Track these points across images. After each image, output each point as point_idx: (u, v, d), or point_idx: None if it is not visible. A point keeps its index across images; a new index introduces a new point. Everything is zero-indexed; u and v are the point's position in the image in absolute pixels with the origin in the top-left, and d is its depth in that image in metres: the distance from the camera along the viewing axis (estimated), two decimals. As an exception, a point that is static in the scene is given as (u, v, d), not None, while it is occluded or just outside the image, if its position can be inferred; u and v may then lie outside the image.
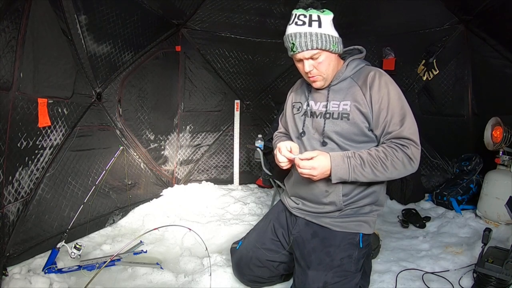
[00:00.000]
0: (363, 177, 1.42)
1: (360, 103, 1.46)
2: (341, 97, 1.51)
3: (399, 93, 1.47)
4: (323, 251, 1.50)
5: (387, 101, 1.43)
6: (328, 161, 1.41)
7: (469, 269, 1.90)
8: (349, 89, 1.51)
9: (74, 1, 2.07)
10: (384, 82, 1.46)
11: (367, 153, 1.42)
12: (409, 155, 1.40)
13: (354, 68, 1.54)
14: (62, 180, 2.17)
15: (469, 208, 2.89)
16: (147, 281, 1.86)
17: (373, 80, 1.46)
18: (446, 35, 3.14)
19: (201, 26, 3.41)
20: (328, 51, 1.45)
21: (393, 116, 1.43)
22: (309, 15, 1.40)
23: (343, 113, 1.49)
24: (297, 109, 1.68)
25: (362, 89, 1.47)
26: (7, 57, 1.65)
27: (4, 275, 1.73)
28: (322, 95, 1.57)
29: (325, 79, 1.51)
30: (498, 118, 2.67)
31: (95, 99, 2.45)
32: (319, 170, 1.40)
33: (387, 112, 1.43)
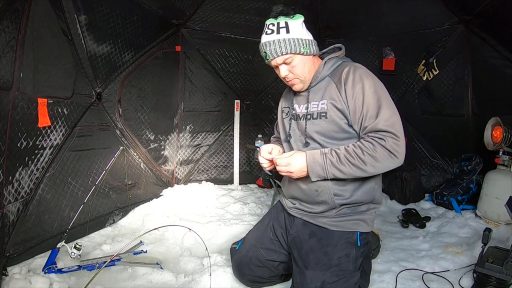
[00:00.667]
0: (341, 173, 1.42)
1: (336, 100, 1.47)
2: (319, 97, 1.53)
3: (374, 85, 1.44)
4: (321, 250, 1.50)
5: (362, 95, 1.42)
6: (304, 158, 1.46)
7: (469, 269, 1.90)
8: (326, 88, 1.52)
9: (74, 1, 2.07)
10: (359, 76, 1.44)
11: (344, 149, 1.43)
12: (387, 148, 1.36)
13: (331, 67, 1.55)
14: (62, 180, 2.17)
15: (469, 208, 2.89)
16: (147, 281, 1.86)
17: (347, 75, 1.46)
18: (446, 35, 3.14)
19: (201, 26, 3.41)
20: (300, 54, 1.47)
21: (368, 110, 1.41)
22: (277, 23, 1.45)
23: (321, 112, 1.51)
24: (285, 113, 1.71)
25: (337, 86, 1.48)
26: (7, 57, 1.65)
27: (4, 275, 1.73)
28: (303, 98, 1.60)
29: (303, 81, 1.53)
30: (498, 118, 2.67)
31: (95, 99, 2.45)
32: (295, 167, 1.46)
33: (362, 106, 1.42)
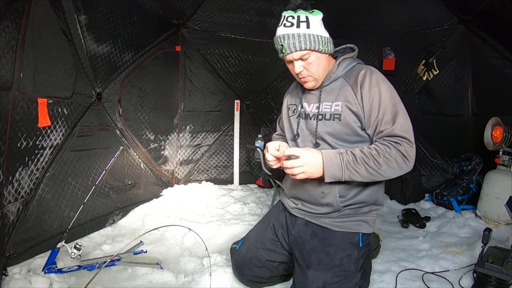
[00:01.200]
0: (357, 174, 1.37)
1: (351, 103, 1.44)
2: (333, 98, 1.49)
3: (390, 91, 1.44)
4: (323, 251, 1.50)
5: (378, 99, 1.41)
6: (320, 157, 1.38)
7: (469, 269, 1.90)
8: (340, 89, 1.49)
9: (74, 1, 2.07)
10: (375, 80, 1.43)
11: (359, 150, 1.39)
12: (402, 152, 1.36)
13: (345, 68, 1.52)
14: (62, 180, 2.17)
15: (469, 208, 2.89)
16: (147, 281, 1.86)
17: (363, 78, 1.44)
18: (446, 35, 3.14)
19: (201, 26, 3.41)
20: (317, 52, 1.44)
21: (384, 114, 1.40)
22: (297, 16, 1.40)
23: (335, 113, 1.47)
24: (292, 111, 1.67)
25: (353, 88, 1.45)
26: (7, 57, 1.65)
27: (4, 275, 1.73)
28: (314, 97, 1.57)
29: (316, 80, 1.50)
30: (498, 118, 2.67)
31: (95, 99, 2.45)
32: (309, 165, 1.37)
33: (379, 111, 1.41)
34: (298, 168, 1.37)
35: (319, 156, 1.38)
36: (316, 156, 1.38)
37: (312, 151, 1.41)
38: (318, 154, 1.39)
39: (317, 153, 1.39)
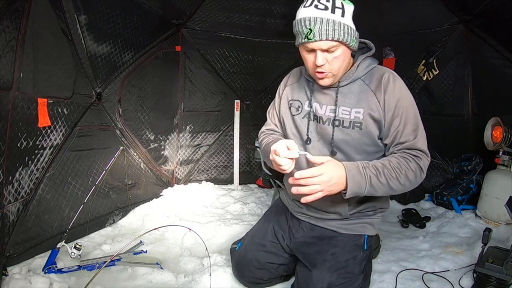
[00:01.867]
0: (379, 189, 1.27)
1: (374, 110, 1.32)
2: (353, 103, 1.35)
3: (412, 100, 1.36)
4: (328, 252, 1.47)
5: (401, 109, 1.31)
6: (342, 171, 1.22)
7: (469, 269, 1.90)
8: (360, 93, 1.35)
9: (74, 1, 2.07)
10: (399, 88, 1.34)
11: (381, 163, 1.28)
12: (421, 167, 1.31)
13: (366, 68, 1.37)
14: (62, 180, 2.16)
15: (469, 208, 2.89)
16: (147, 281, 1.86)
17: (387, 84, 1.33)
18: (446, 35, 3.14)
19: (201, 26, 3.41)
20: (346, 46, 1.27)
21: (406, 125, 1.31)
22: (332, 0, 1.21)
23: (355, 122, 1.35)
24: (296, 109, 1.49)
25: (376, 95, 1.33)
26: (7, 57, 1.65)
27: (4, 275, 1.73)
28: (328, 98, 1.40)
29: (334, 77, 1.33)
30: (498, 118, 2.67)
31: (95, 99, 2.45)
32: (331, 179, 1.19)
33: (400, 121, 1.31)
34: (318, 179, 1.18)
35: (342, 170, 1.22)
36: (340, 170, 1.22)
37: (335, 163, 1.23)
38: (341, 167, 1.23)
39: (340, 166, 1.23)
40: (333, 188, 1.21)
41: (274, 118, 1.65)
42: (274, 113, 1.65)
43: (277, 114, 1.62)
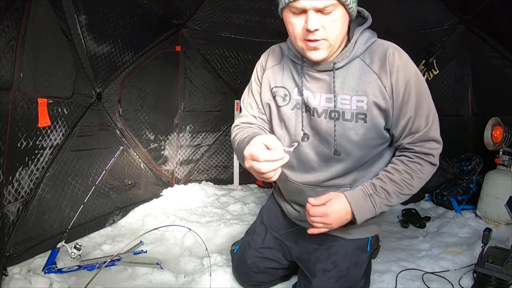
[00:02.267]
0: (388, 207, 1.20)
1: (380, 98, 1.10)
2: (353, 89, 1.11)
3: (422, 78, 1.13)
4: (329, 260, 1.39)
5: (412, 92, 1.09)
6: (345, 203, 1.13)
7: (469, 269, 1.90)
8: (361, 76, 1.11)
9: (74, 1, 2.07)
10: (407, 66, 1.10)
11: (389, 181, 1.15)
12: (433, 163, 1.17)
13: (365, 43, 1.12)
14: (62, 180, 2.16)
15: (469, 208, 2.89)
16: (147, 281, 1.86)
17: (393, 63, 1.09)
18: (446, 35, 3.14)
19: (201, 26, 3.41)
20: (345, 7, 1.02)
21: (417, 112, 1.11)
22: None
23: (359, 113, 1.12)
24: (281, 98, 1.22)
25: (382, 78, 1.09)
26: (7, 57, 1.65)
27: (4, 275, 1.73)
28: (323, 84, 1.14)
29: (330, 48, 1.05)
30: (498, 118, 2.67)
31: (95, 99, 2.45)
32: (333, 217, 1.12)
33: (412, 107, 1.10)
34: (320, 217, 1.11)
35: (344, 202, 1.12)
36: (341, 203, 1.13)
37: (335, 198, 1.13)
38: (342, 200, 1.13)
39: (341, 199, 1.13)
40: (340, 219, 1.15)
41: (252, 107, 1.33)
42: (251, 101, 1.33)
43: (257, 102, 1.32)
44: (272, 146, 0.93)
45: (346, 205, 1.12)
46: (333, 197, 1.12)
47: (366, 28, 1.16)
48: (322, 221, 1.11)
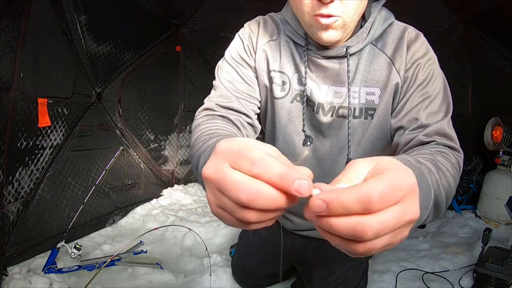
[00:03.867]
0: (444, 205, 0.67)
1: (392, 88, 0.86)
2: (362, 79, 0.87)
3: (441, 72, 0.92)
4: (326, 266, 1.34)
5: (434, 77, 0.89)
6: (414, 179, 0.40)
7: (469, 269, 1.90)
8: (372, 63, 0.87)
9: (74, 1, 2.07)
10: (426, 49, 0.91)
11: (433, 166, 0.65)
12: (460, 165, 0.79)
13: (383, 24, 0.88)
14: (62, 180, 2.16)
15: (469, 208, 2.89)
16: (147, 281, 1.86)
17: (411, 42, 0.89)
18: (446, 35, 3.14)
19: (201, 26, 3.41)
20: None
21: (434, 98, 0.85)
22: None
23: (369, 108, 0.88)
24: (279, 86, 0.92)
25: (395, 62, 0.86)
26: (7, 57, 1.65)
27: (4, 275, 1.73)
28: (330, 73, 0.87)
29: (343, 29, 0.78)
30: (498, 118, 2.67)
31: (95, 99, 2.45)
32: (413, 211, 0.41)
33: (431, 91, 0.86)
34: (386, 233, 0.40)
35: (413, 178, 0.40)
36: (411, 177, 0.39)
37: (400, 167, 0.40)
38: (410, 173, 0.39)
39: (408, 172, 0.40)
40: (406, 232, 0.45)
41: (234, 84, 0.92)
42: (233, 75, 0.94)
43: (244, 78, 0.94)
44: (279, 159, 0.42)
45: (414, 180, 0.40)
46: (376, 164, 0.40)
47: (383, 6, 0.92)
48: (362, 224, 0.35)
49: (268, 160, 0.34)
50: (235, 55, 0.99)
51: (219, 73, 0.98)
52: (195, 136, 0.78)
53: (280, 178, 0.33)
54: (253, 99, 0.93)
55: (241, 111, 0.89)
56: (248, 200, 0.33)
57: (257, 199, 0.33)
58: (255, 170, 0.33)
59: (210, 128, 0.77)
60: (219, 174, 0.35)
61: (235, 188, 0.33)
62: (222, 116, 0.86)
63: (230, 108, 0.89)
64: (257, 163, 0.34)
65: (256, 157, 0.34)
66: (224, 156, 0.36)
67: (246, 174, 0.34)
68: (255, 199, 0.33)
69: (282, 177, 0.33)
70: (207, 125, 0.79)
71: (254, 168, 0.33)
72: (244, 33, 1.03)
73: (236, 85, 0.92)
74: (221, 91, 0.92)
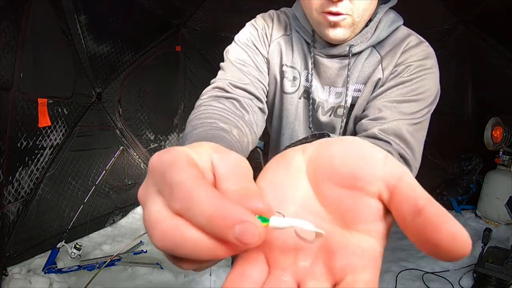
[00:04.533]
0: None
1: (372, 85, 0.82)
2: (356, 76, 0.85)
3: (438, 88, 0.81)
4: None
5: (419, 83, 0.77)
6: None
7: (469, 269, 1.90)
8: (366, 61, 0.85)
9: (74, 1, 2.07)
10: (425, 56, 0.82)
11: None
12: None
13: (389, 27, 0.86)
14: (62, 180, 2.16)
15: (469, 208, 2.89)
16: (147, 281, 1.86)
17: (410, 47, 0.84)
18: (446, 35, 3.14)
19: (201, 26, 3.41)
20: None
21: (409, 103, 0.75)
22: None
23: (353, 104, 0.86)
24: (290, 81, 0.90)
25: (384, 61, 0.82)
26: (7, 57, 1.65)
27: (4, 275, 1.73)
28: (331, 73, 0.85)
29: (353, 27, 0.77)
30: (498, 118, 2.67)
31: (95, 99, 2.45)
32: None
33: (407, 91, 0.77)
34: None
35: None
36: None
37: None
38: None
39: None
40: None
41: (247, 67, 0.87)
42: (246, 59, 0.89)
43: (257, 64, 0.88)
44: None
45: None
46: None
47: (391, 8, 0.88)
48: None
49: (193, 188, 0.22)
50: (248, 41, 0.92)
51: (229, 55, 0.91)
52: (189, 118, 0.70)
53: (209, 221, 0.21)
54: (264, 87, 0.89)
55: (255, 94, 0.83)
56: (168, 248, 0.23)
57: (180, 249, 0.22)
58: (174, 204, 0.22)
59: (208, 112, 0.71)
60: (143, 201, 0.25)
61: (152, 229, 0.23)
62: (232, 99, 0.79)
63: (245, 89, 0.82)
64: (176, 195, 0.22)
65: (176, 184, 0.22)
66: (153, 176, 0.25)
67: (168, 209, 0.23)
68: (177, 248, 0.22)
69: (212, 219, 0.21)
70: (207, 108, 0.74)
71: (173, 201, 0.22)
72: (258, 23, 0.96)
73: (248, 68, 0.87)
74: (233, 72, 0.86)
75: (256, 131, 0.78)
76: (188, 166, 0.24)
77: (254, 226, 0.21)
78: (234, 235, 0.21)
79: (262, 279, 0.23)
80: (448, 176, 3.36)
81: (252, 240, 0.21)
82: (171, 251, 0.23)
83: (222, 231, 0.21)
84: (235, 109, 0.77)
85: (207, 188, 0.22)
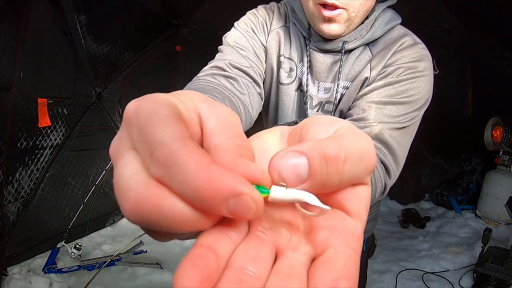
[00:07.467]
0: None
1: (358, 84, 0.80)
2: (346, 73, 0.83)
3: (429, 92, 0.79)
4: None
5: (405, 84, 0.75)
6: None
7: (469, 269, 1.90)
8: (357, 59, 0.83)
9: (74, 1, 2.07)
10: (419, 58, 0.78)
11: None
12: (385, 191, 0.72)
13: (385, 26, 0.84)
14: (62, 180, 2.17)
15: (469, 208, 2.89)
16: (147, 281, 1.86)
17: (403, 47, 0.80)
18: (446, 35, 3.14)
19: (201, 26, 3.41)
20: None
21: (395, 105, 0.73)
22: None
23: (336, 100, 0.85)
24: (287, 72, 0.89)
25: (373, 60, 0.79)
26: (7, 57, 1.65)
27: (4, 275, 1.73)
28: (322, 68, 0.84)
29: (347, 23, 0.76)
30: (498, 118, 2.67)
31: (95, 99, 2.45)
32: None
33: (390, 95, 0.74)
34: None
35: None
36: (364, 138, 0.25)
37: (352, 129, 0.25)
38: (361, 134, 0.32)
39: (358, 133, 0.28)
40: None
41: (245, 51, 0.85)
42: (245, 44, 0.88)
43: (256, 51, 0.88)
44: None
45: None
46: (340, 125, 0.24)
47: (389, 6, 0.88)
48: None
49: (178, 151, 0.18)
50: (248, 27, 0.91)
51: (228, 39, 0.90)
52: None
53: (198, 193, 0.18)
54: (261, 73, 0.88)
55: (254, 78, 0.81)
56: (142, 221, 0.19)
57: (157, 223, 0.19)
58: (153, 168, 0.19)
59: (202, 84, 0.68)
60: (114, 158, 0.22)
61: (123, 197, 0.19)
62: (230, 78, 0.76)
63: (244, 71, 0.79)
64: (156, 158, 0.18)
65: (157, 144, 0.18)
66: (128, 129, 0.21)
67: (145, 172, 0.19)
68: (153, 222, 0.19)
69: (202, 190, 0.17)
70: (201, 81, 0.71)
71: (152, 165, 0.19)
72: (259, 11, 0.95)
73: (247, 53, 0.85)
74: (232, 55, 0.84)
75: (252, 114, 0.76)
76: (172, 121, 0.19)
77: (252, 199, 0.18)
78: (228, 209, 0.18)
79: (241, 239, 0.20)
80: (448, 176, 3.36)
81: (247, 214, 0.18)
82: (145, 224, 0.19)
83: (213, 204, 0.18)
84: (231, 87, 0.74)
85: (195, 151, 0.18)
